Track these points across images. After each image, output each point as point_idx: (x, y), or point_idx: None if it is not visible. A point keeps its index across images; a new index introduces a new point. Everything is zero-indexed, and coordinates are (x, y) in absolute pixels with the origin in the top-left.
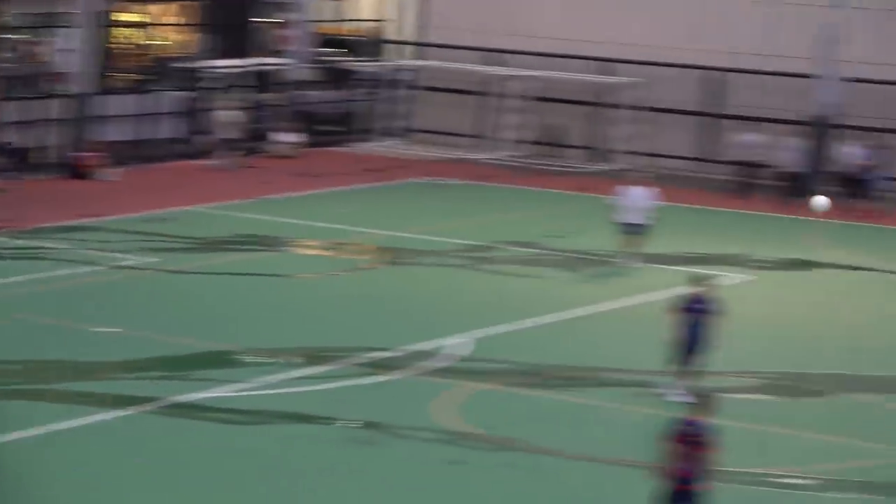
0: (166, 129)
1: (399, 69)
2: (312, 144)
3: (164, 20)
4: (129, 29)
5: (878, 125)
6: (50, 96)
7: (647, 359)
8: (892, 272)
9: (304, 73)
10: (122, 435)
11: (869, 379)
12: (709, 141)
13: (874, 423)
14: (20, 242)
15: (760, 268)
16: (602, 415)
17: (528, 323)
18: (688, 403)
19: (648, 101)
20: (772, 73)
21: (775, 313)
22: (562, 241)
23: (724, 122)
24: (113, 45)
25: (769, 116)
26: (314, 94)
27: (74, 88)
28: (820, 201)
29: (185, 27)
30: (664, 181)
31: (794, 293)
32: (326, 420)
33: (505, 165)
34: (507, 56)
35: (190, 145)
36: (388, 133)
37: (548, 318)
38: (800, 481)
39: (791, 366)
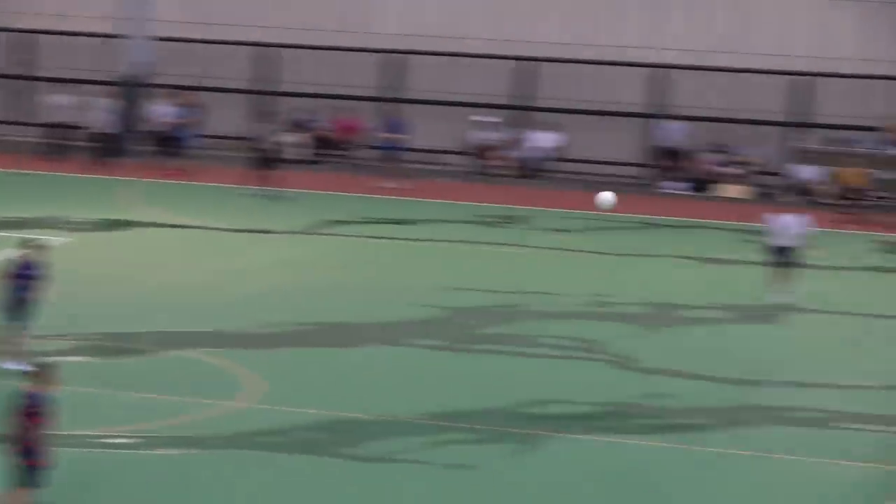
0: None
1: None
2: None
3: None
4: None
5: (189, 83)
6: None
7: None
8: (210, 228)
9: None
10: None
11: (193, 335)
12: (20, 103)
13: (198, 378)
14: None
15: (79, 229)
16: None
17: None
18: (26, 372)
19: None
20: (78, 34)
21: (97, 274)
22: None
23: (36, 84)
24: None
25: (79, 77)
26: None
27: None
28: (606, 197)
29: None
30: None
31: (115, 253)
32: None
33: None
34: None
35: None
36: None
37: None
38: (127, 440)
39: (116, 326)
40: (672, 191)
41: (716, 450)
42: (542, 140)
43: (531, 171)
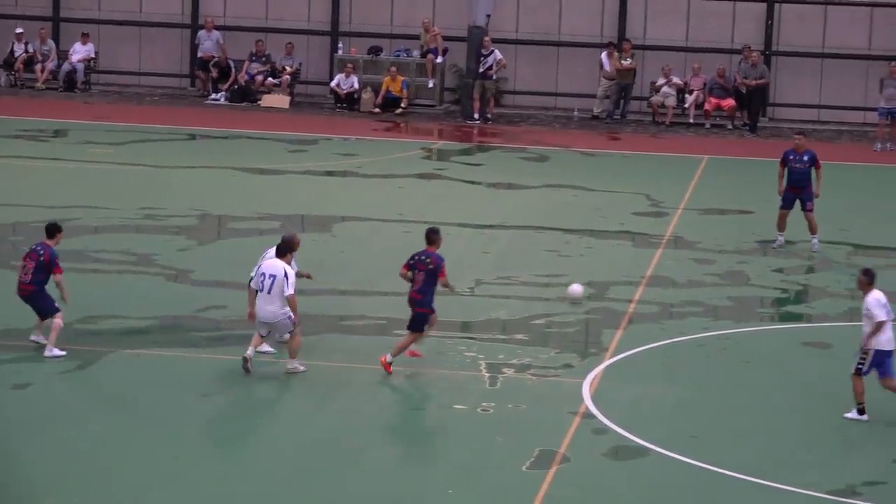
0: None
1: None
2: None
3: None
4: None
5: None
6: None
7: None
8: None
9: None
10: None
11: None
12: None
13: None
14: None
15: None
16: None
17: None
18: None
19: None
20: None
21: None
22: None
23: None
24: None
25: None
26: None
27: None
28: (575, 290)
29: None
30: None
31: None
32: None
33: None
34: None
35: None
36: None
37: None
38: None
39: None
40: (215, 101)
41: (269, 360)
42: (78, 52)
43: (69, 83)
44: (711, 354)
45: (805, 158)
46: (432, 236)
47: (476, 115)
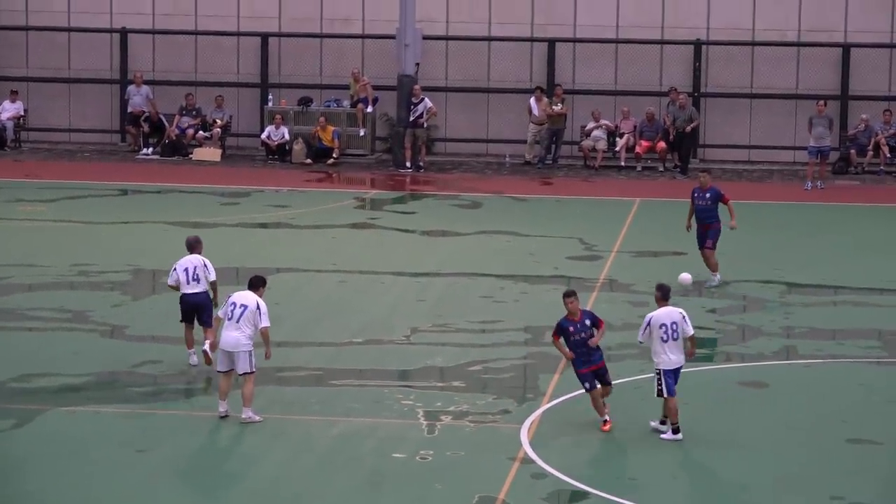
0: None
1: None
2: None
3: None
4: None
5: None
6: None
7: None
8: None
9: None
10: None
11: None
12: None
13: None
14: None
15: None
16: None
17: None
18: None
19: None
20: None
21: None
22: None
23: None
24: None
25: None
26: None
27: None
28: (685, 278)
29: None
30: None
31: None
32: None
33: None
34: None
35: None
36: None
37: None
38: None
39: None
40: (146, 156)
41: (207, 413)
42: (7, 110)
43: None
44: (647, 396)
45: (708, 196)
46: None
47: (408, 164)
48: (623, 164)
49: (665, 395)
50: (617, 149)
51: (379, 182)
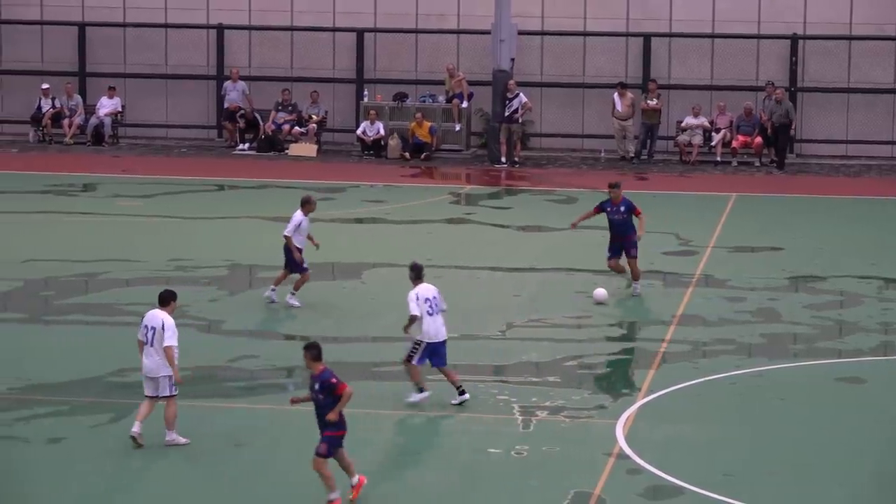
0: None
1: None
2: None
3: None
4: None
5: None
6: None
7: None
8: None
9: None
10: None
11: None
12: None
13: None
14: None
15: None
16: None
17: None
18: None
19: None
20: None
21: None
22: None
23: None
24: None
25: None
26: None
27: None
28: (600, 294)
29: None
30: None
31: None
32: None
33: None
34: None
35: None
36: None
37: None
38: None
39: None
40: (242, 152)
41: (303, 408)
42: (105, 106)
43: (97, 137)
44: (744, 392)
45: (622, 209)
46: None
47: (503, 159)
48: (719, 159)
49: (413, 363)
50: (713, 144)
51: (474, 177)
